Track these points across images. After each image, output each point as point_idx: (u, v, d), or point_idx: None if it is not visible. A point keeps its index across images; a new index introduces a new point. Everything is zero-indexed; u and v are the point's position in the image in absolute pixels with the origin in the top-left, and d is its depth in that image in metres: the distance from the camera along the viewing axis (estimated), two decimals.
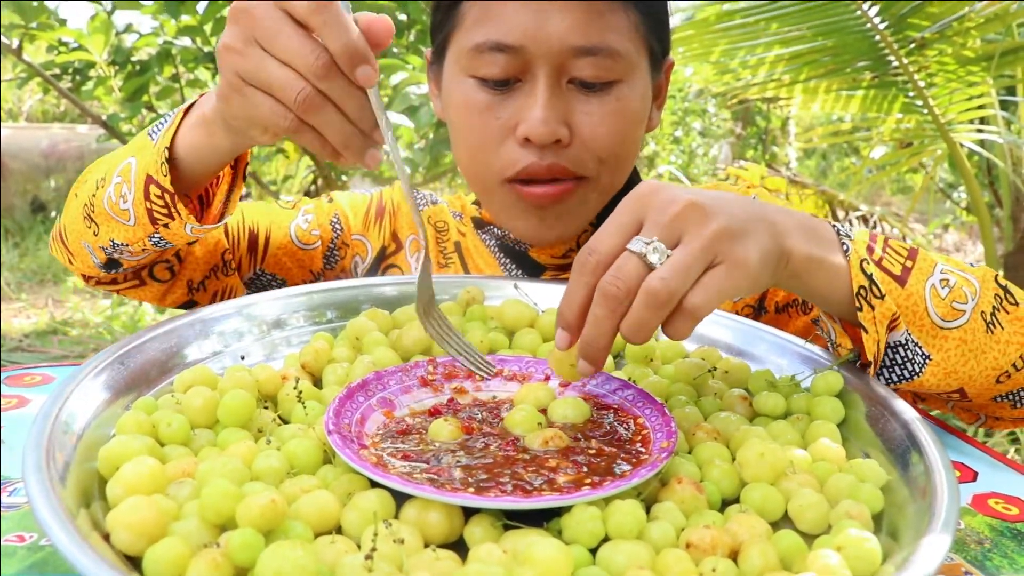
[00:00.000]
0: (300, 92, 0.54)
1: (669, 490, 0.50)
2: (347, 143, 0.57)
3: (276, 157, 3.50)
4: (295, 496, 0.47)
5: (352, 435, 0.53)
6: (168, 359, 0.64)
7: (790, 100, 2.84)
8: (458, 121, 0.79)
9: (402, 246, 0.94)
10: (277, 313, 0.73)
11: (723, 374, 0.66)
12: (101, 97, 2.54)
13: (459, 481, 0.48)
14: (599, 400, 0.61)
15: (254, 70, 0.55)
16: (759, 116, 6.38)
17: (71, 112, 5.21)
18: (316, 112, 0.55)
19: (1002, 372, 0.64)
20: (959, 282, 0.63)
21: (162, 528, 0.42)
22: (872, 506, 0.49)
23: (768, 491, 0.50)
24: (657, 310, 0.49)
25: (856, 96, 2.54)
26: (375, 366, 0.63)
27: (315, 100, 0.54)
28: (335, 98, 0.55)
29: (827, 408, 0.60)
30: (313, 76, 0.54)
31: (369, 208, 0.95)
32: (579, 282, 0.52)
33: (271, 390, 0.62)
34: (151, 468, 0.46)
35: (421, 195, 0.98)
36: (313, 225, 0.92)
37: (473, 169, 0.81)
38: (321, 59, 0.53)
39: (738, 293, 0.51)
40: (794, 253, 0.56)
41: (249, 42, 0.55)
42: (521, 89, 0.76)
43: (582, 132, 0.76)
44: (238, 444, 0.52)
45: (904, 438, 0.54)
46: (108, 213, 0.72)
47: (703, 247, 0.50)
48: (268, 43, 0.54)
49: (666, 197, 0.52)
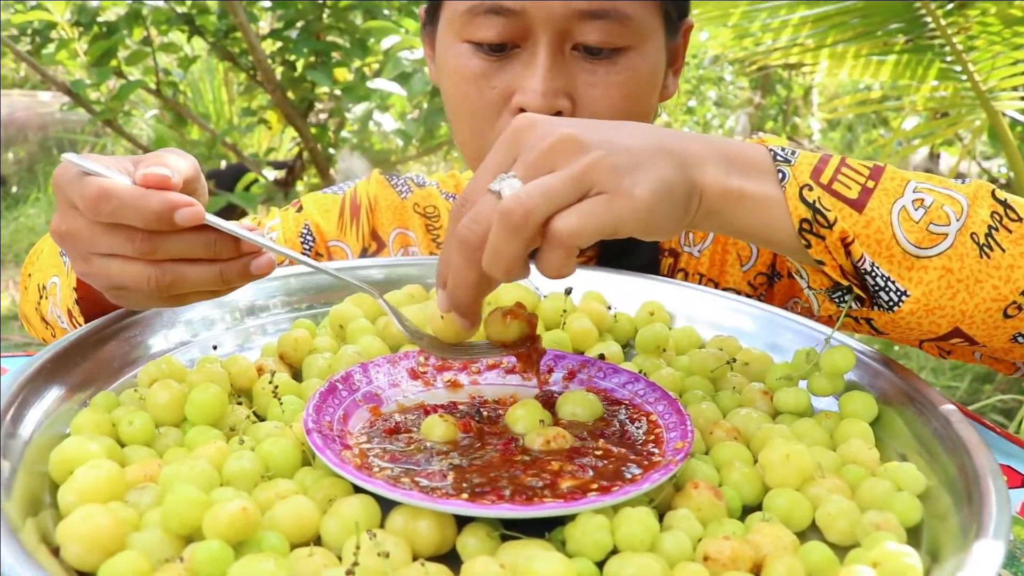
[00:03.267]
0: (149, 281, 0.54)
1: (684, 496, 0.49)
2: (224, 279, 0.56)
3: (258, 128, 3.48)
4: (269, 503, 0.46)
5: (334, 434, 0.52)
6: (131, 350, 0.63)
7: (814, 67, 2.81)
8: (451, 89, 0.78)
9: (384, 244, 0.92)
10: (252, 298, 0.72)
11: (743, 366, 0.65)
12: (65, 62, 2.51)
13: (451, 486, 0.47)
14: (608, 394, 0.60)
15: (103, 275, 0.56)
16: (780, 84, 6.34)
17: (32, 78, 5.17)
18: (178, 282, 0.55)
19: (1008, 304, 0.56)
20: (938, 200, 0.56)
21: (119, 540, 0.41)
22: (909, 516, 0.48)
23: (794, 498, 0.50)
24: (513, 234, 0.46)
25: (887, 62, 2.51)
26: (360, 357, 0.63)
27: (167, 275, 0.54)
28: (181, 254, 0.54)
29: (858, 404, 0.59)
30: (147, 256, 0.53)
31: (343, 208, 0.93)
32: (450, 233, 0.51)
33: (245, 384, 0.61)
34: (109, 472, 0.45)
35: (405, 177, 0.96)
36: (279, 242, 0.89)
37: (466, 139, 0.79)
38: (143, 241, 0.53)
39: (622, 227, 0.48)
40: (708, 186, 0.53)
41: (86, 258, 0.55)
42: (519, 56, 0.74)
43: (585, 104, 0.74)
44: (207, 444, 0.51)
45: (945, 438, 0.53)
46: (56, 319, 0.76)
47: (573, 175, 0.47)
48: (97, 249, 0.54)
49: (541, 132, 0.50)
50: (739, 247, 0.87)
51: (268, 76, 2.51)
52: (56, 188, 0.55)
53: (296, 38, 2.44)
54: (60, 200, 0.55)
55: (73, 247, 0.55)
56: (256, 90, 2.83)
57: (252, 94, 2.94)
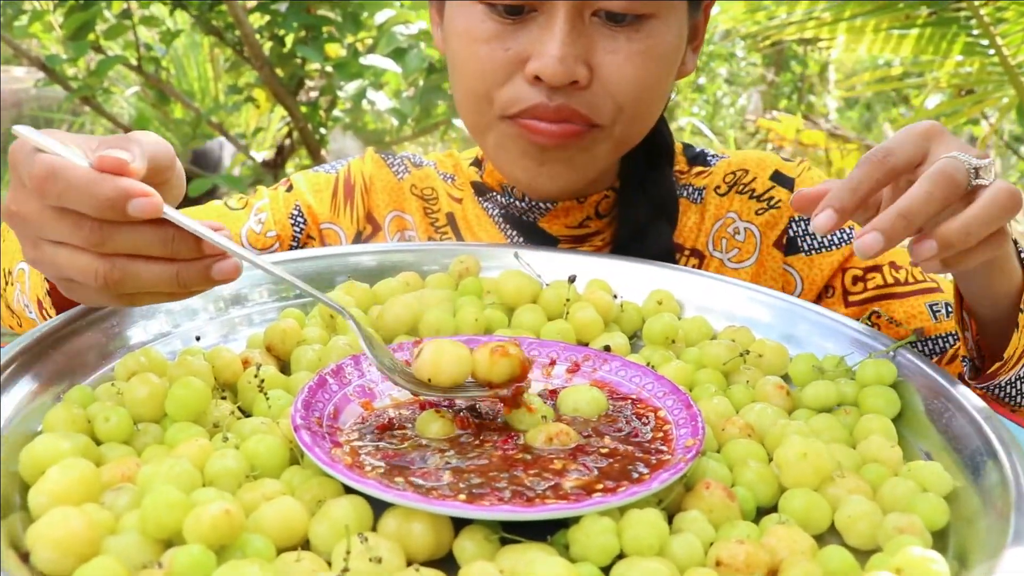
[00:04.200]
0: (96, 276, 0.52)
1: (695, 497, 0.49)
2: (181, 282, 0.54)
3: (246, 107, 3.47)
4: (255, 504, 0.46)
5: (323, 431, 0.52)
6: (108, 341, 0.62)
7: (831, 41, 2.80)
8: (459, 51, 0.77)
9: (380, 227, 0.91)
10: (236, 286, 0.71)
11: (757, 358, 0.65)
12: (39, 35, 2.50)
13: (448, 486, 0.47)
14: (614, 388, 0.59)
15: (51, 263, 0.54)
16: (794, 60, 6.32)
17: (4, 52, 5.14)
18: (128, 280, 0.53)
19: None
20: None
21: (94, 545, 0.41)
22: (935, 519, 0.48)
23: (812, 498, 0.49)
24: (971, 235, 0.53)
25: (909, 36, 2.50)
26: (352, 349, 0.62)
27: (116, 271, 0.52)
28: (134, 250, 0.52)
29: (880, 400, 0.59)
30: (96, 248, 0.52)
31: (336, 188, 0.91)
32: (869, 175, 0.56)
33: (229, 377, 0.61)
34: (83, 472, 0.45)
35: (401, 156, 0.95)
36: (268, 225, 0.88)
37: (470, 103, 0.78)
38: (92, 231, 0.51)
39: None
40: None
41: (35, 243, 0.54)
42: (536, 20, 0.74)
43: (604, 74, 0.74)
44: (188, 442, 0.51)
45: (974, 437, 0.53)
46: (23, 309, 0.74)
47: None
48: (46, 235, 0.53)
49: (957, 144, 0.57)
50: (786, 278, 0.87)
51: (256, 52, 2.50)
52: (11, 164, 0.53)
53: (285, 11, 2.42)
54: (13, 177, 0.53)
55: (23, 230, 0.54)
56: (243, 67, 2.82)
57: (239, 71, 2.92)
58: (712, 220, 0.89)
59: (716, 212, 0.89)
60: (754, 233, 0.88)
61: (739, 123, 6.07)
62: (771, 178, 0.90)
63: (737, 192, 0.90)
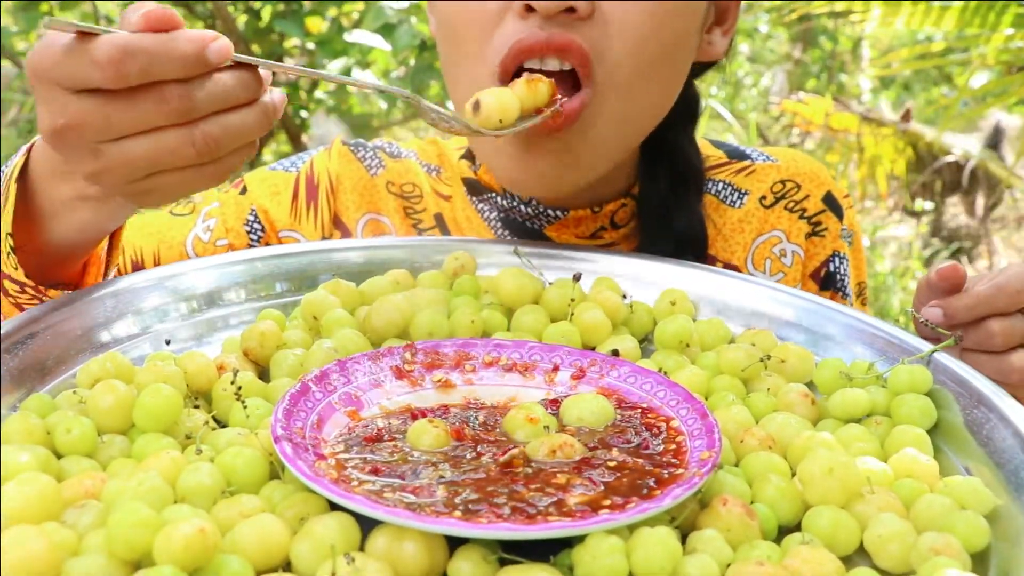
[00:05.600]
0: (194, 144, 0.53)
1: (711, 514, 0.49)
2: (261, 124, 0.56)
3: None
4: (231, 522, 0.46)
5: (306, 442, 0.52)
6: (70, 344, 0.63)
7: (865, 15, 2.80)
8: (448, 9, 0.75)
9: (350, 233, 0.88)
10: (211, 285, 0.72)
11: (779, 364, 0.65)
12: None
13: (442, 502, 0.47)
14: (622, 397, 0.60)
15: (124, 164, 0.54)
16: (824, 36, 6.33)
17: None
18: (224, 137, 0.54)
19: None
20: None
21: (55, 567, 0.41)
22: (974, 539, 0.48)
23: (838, 516, 0.50)
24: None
25: (952, 8, 2.50)
26: (337, 353, 0.63)
27: (212, 129, 0.53)
28: (219, 104, 0.54)
29: (914, 409, 0.60)
30: (185, 116, 0.53)
31: (297, 189, 0.88)
32: (991, 305, 0.65)
33: (203, 384, 0.61)
34: (43, 488, 0.45)
35: (374, 147, 0.92)
36: (219, 233, 0.86)
37: (458, 61, 0.76)
38: (182, 98, 0.52)
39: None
40: None
41: (96, 151, 0.54)
42: None
43: (607, 8, 0.71)
44: (159, 455, 0.51)
45: (1018, 450, 0.54)
46: None
47: None
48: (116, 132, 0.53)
49: None
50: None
51: (229, 26, 2.51)
52: (39, 75, 0.53)
53: None
54: (48, 88, 0.53)
55: (78, 141, 0.53)
56: None
57: None
58: (754, 234, 0.88)
59: (760, 226, 0.88)
60: (801, 258, 0.88)
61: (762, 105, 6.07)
62: (823, 199, 0.90)
63: (787, 208, 0.89)
